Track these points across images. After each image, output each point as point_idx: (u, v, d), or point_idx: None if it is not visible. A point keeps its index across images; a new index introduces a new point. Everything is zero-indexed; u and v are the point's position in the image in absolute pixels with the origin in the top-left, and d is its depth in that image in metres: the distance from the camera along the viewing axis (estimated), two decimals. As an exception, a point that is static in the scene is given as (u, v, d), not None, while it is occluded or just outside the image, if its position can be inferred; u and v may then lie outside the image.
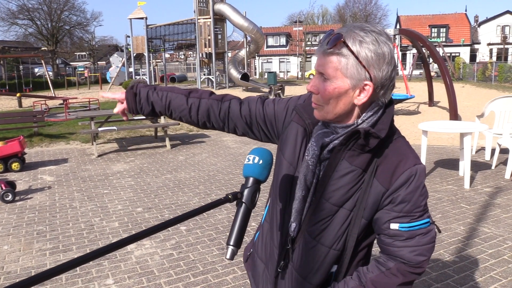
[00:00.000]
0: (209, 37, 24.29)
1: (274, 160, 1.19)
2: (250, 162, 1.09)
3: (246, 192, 1.05)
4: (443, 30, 42.45)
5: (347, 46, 1.06)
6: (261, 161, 1.09)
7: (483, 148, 7.50)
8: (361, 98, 1.10)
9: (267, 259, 1.35)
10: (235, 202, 1.04)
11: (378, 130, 1.12)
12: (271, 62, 46.40)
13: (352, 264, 1.24)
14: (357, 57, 1.06)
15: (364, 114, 1.14)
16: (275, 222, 1.30)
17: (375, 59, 1.06)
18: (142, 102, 1.38)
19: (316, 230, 1.20)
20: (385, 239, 1.18)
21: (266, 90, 19.46)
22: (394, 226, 1.15)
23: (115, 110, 1.42)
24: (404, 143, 1.19)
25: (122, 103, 1.41)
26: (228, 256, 0.99)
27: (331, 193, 1.17)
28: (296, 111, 1.29)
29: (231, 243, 1.00)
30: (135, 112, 1.41)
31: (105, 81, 33.01)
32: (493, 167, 6.44)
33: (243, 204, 1.04)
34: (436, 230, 1.20)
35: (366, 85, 1.08)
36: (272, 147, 1.20)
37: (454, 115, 9.87)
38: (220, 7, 23.99)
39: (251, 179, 1.07)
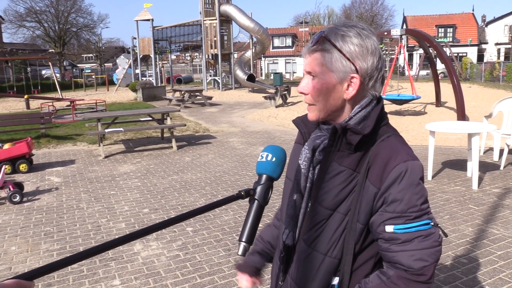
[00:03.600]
0: (215, 39, 24.33)
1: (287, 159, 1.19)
2: (263, 159, 1.10)
3: (259, 189, 1.05)
4: (450, 30, 42.18)
5: (330, 41, 1.08)
6: (274, 159, 1.09)
7: (491, 149, 7.43)
8: (350, 91, 1.10)
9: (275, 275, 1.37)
10: (247, 200, 1.05)
11: (363, 127, 1.10)
12: (277, 63, 46.39)
13: (357, 278, 1.15)
14: (340, 51, 1.07)
15: (353, 110, 1.13)
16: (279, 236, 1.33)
17: (359, 51, 1.07)
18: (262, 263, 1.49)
19: (311, 236, 1.16)
20: (382, 243, 1.10)
21: (272, 91, 19.44)
22: (389, 228, 1.07)
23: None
24: (397, 140, 1.14)
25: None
26: (240, 252, 1.00)
27: (322, 196, 1.14)
28: (294, 123, 1.32)
29: (243, 239, 1.00)
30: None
31: (112, 82, 33.19)
32: (501, 168, 6.38)
33: (256, 201, 1.04)
34: (441, 233, 1.10)
35: (353, 77, 1.09)
36: (287, 147, 1.19)
37: (462, 115, 9.81)
38: (226, 8, 24.02)
39: (264, 176, 1.07)
